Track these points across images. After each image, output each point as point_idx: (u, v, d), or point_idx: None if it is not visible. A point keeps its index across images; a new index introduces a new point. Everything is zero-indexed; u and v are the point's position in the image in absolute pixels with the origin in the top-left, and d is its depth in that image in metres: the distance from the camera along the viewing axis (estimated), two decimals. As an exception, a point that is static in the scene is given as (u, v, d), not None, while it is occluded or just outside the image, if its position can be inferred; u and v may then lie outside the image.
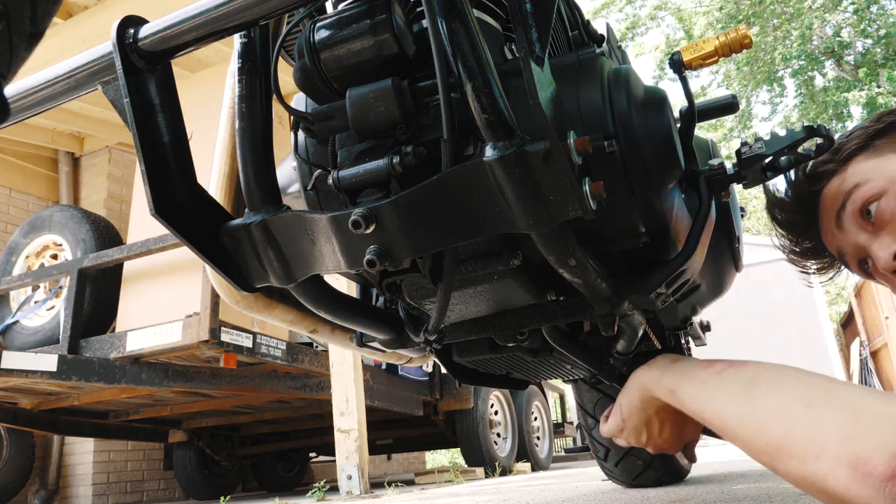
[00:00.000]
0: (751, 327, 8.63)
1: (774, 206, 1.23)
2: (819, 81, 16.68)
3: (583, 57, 0.92)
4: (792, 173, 1.16)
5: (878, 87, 14.05)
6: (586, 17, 1.22)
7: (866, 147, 1.07)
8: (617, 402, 1.03)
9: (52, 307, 4.36)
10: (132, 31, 0.81)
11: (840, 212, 1.07)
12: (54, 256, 4.54)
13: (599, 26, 1.28)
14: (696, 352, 2.41)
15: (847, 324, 11.53)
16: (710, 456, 4.58)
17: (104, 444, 5.77)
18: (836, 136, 1.08)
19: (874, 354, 9.25)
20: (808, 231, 1.17)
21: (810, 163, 1.10)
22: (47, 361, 3.51)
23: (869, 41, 15.30)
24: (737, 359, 0.86)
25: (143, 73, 0.82)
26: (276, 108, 0.92)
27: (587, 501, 2.29)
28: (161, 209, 0.82)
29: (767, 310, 8.74)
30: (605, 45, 1.22)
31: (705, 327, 2.11)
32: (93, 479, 5.65)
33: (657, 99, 0.90)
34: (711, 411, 0.80)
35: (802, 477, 0.66)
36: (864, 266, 1.10)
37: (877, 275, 1.09)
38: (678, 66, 0.99)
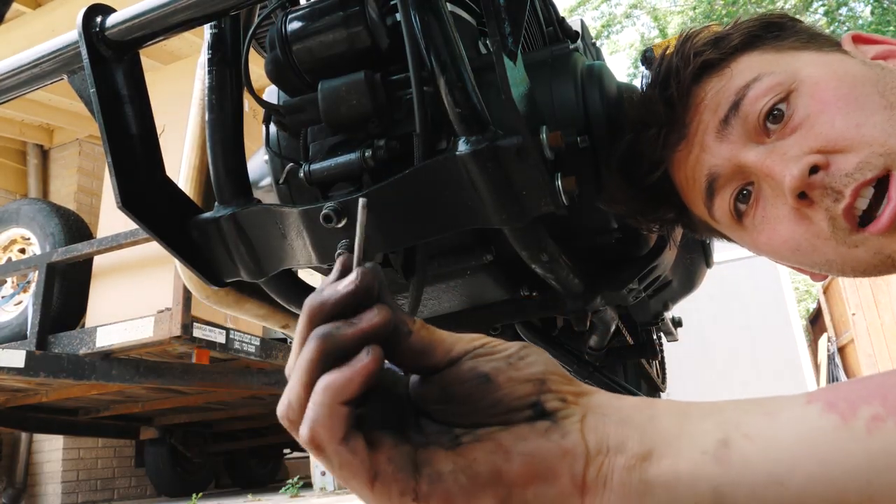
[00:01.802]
0: (721, 323, 8.75)
1: (632, 117, 0.83)
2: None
3: (557, 52, 0.92)
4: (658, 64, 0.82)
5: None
6: (562, 13, 1.22)
7: (759, 40, 0.76)
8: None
9: (20, 302, 4.28)
10: (99, 19, 0.79)
11: (730, 114, 0.73)
12: (22, 251, 4.45)
13: (574, 23, 1.28)
14: (667, 347, 2.44)
15: (815, 320, 11.76)
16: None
17: (74, 442, 5.68)
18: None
19: (841, 350, 9.45)
20: (668, 141, 0.79)
21: (690, 51, 0.78)
22: (14, 357, 3.45)
23: (839, 42, 15.53)
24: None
25: (111, 63, 0.80)
26: (250, 101, 0.91)
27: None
28: (128, 202, 0.80)
29: (738, 306, 8.87)
30: (579, 41, 1.22)
31: (677, 323, 2.14)
32: (62, 477, 5.56)
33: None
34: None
35: None
36: (741, 197, 0.74)
37: (756, 209, 0.73)
38: (650, 62, 1.00)
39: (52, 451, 5.65)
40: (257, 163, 1.03)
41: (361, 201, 0.48)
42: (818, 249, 0.69)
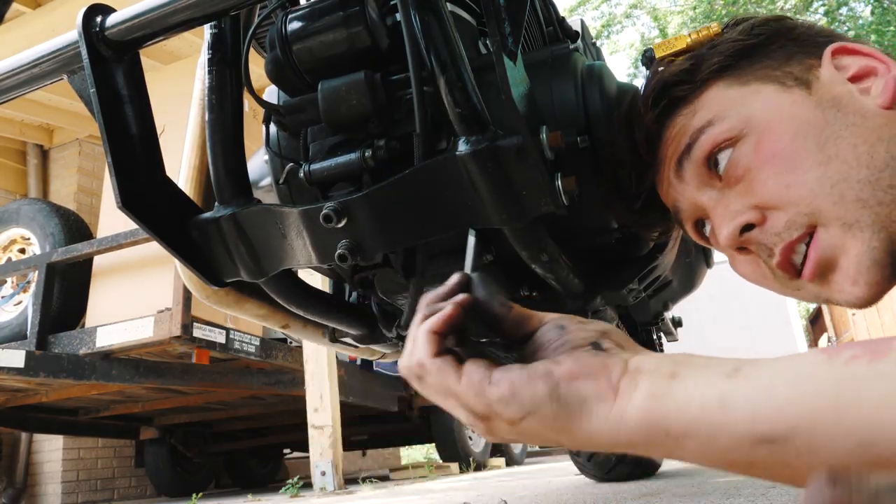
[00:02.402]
0: (721, 323, 8.76)
1: (610, 147, 0.86)
2: (790, 81, 16.86)
3: (557, 52, 0.92)
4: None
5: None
6: (562, 13, 1.22)
7: (731, 68, 0.76)
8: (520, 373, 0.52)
9: (20, 302, 4.27)
10: (99, 19, 0.79)
11: (683, 157, 0.76)
12: (22, 251, 4.45)
13: (574, 23, 1.28)
14: (667, 347, 2.44)
15: (815, 320, 11.77)
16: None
17: (74, 442, 5.67)
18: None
19: (841, 350, 9.43)
20: (643, 180, 0.83)
21: (659, 82, 0.81)
22: (14, 357, 3.44)
23: (839, 42, 15.49)
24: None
25: (111, 63, 0.80)
26: (250, 101, 0.91)
27: (560, 496, 2.31)
28: (128, 202, 0.81)
29: (738, 306, 8.87)
30: (579, 41, 1.22)
31: (677, 323, 2.14)
32: (62, 477, 5.55)
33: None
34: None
35: None
36: (701, 229, 0.81)
37: (714, 243, 0.80)
38: (651, 62, 1.00)
39: (52, 451, 5.65)
40: (257, 163, 1.03)
41: (471, 231, 0.71)
42: (770, 286, 0.77)
